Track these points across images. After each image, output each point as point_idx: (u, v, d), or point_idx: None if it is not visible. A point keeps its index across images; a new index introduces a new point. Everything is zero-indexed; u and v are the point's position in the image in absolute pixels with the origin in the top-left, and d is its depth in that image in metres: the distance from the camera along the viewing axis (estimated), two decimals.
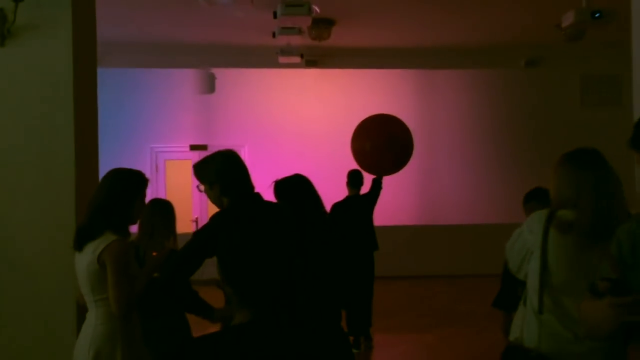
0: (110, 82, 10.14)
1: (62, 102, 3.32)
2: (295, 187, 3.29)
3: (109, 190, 2.78)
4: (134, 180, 2.80)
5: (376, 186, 6.01)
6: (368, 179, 6.27)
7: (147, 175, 3.05)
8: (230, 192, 2.76)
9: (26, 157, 3.32)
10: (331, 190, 7.77)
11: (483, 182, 11.03)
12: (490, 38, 9.76)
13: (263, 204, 2.82)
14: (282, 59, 9.56)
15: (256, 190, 2.92)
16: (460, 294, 8.99)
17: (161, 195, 10.40)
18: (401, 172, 11.11)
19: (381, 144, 5.42)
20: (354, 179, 6.16)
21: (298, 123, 10.84)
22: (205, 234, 2.64)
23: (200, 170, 2.85)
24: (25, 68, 3.31)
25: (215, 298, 3.02)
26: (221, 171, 2.78)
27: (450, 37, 9.68)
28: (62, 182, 3.32)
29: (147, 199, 3.44)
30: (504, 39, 9.80)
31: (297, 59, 9.63)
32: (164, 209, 3.49)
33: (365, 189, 6.21)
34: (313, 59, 10.20)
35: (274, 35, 8.77)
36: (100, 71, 10.26)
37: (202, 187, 2.84)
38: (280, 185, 3.32)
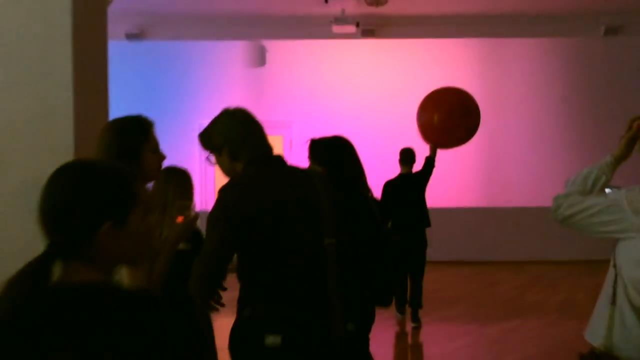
0: (155, 55, 9.83)
1: (59, 47, 2.85)
2: (334, 149, 2.77)
3: (105, 146, 2.25)
4: (132, 127, 2.27)
5: (429, 164, 6.01)
6: (420, 157, 6.24)
7: (196, 152, 2.56)
8: (242, 155, 2.21)
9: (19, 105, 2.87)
10: (387, 169, 7.20)
11: (554, 162, 10.17)
12: (565, 2, 8.88)
13: (286, 169, 2.25)
14: (337, 29, 8.99)
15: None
16: (527, 283, 8.26)
17: (211, 178, 10.07)
18: (466, 149, 10.40)
19: (457, 110, 5.30)
20: (406, 156, 6.21)
21: (353, 98, 10.26)
22: (222, 221, 2.09)
23: (205, 136, 2.31)
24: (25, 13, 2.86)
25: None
26: (228, 130, 2.24)
27: (518, 2, 8.85)
28: (59, 146, 2.86)
29: (192, 178, 3.01)
30: (580, 3, 8.90)
31: (352, 29, 9.05)
32: (180, 178, 2.99)
33: (417, 167, 6.26)
34: (370, 29, 9.57)
35: (326, 0, 8.19)
36: (145, 44, 10.26)
37: (212, 158, 2.31)
38: (317, 145, 2.80)
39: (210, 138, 2.29)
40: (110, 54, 3.42)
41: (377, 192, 9.34)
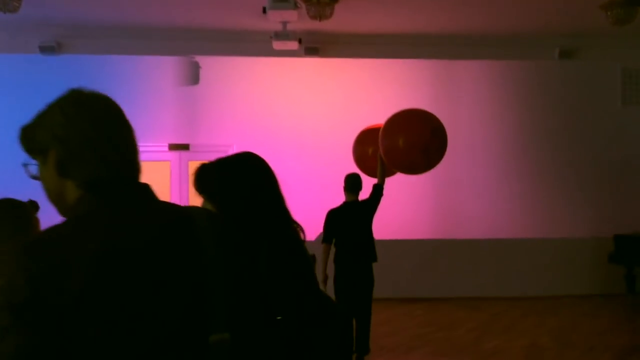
0: (75, 70, 8.80)
1: None
2: (237, 174, 1.92)
3: None
4: None
5: (377, 192, 5.50)
6: (366, 185, 5.76)
7: None
8: (77, 169, 1.32)
9: None
10: (332, 196, 6.42)
11: (511, 190, 9.57)
12: (519, 24, 8.39)
13: (153, 207, 1.36)
14: (277, 45, 8.20)
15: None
16: (485, 324, 7.52)
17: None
18: (415, 178, 9.70)
19: (422, 140, 4.98)
20: (352, 183, 5.60)
21: (295, 120, 9.45)
22: (15, 317, 1.14)
23: (28, 129, 1.38)
24: None
25: None
26: (65, 123, 1.33)
27: (471, 23, 8.31)
28: None
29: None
30: (534, 25, 8.43)
31: (294, 45, 8.28)
32: (8, 213, 2.15)
33: (363, 195, 5.71)
34: (313, 46, 8.83)
35: (264, 10, 7.40)
36: (65, 58, 9.24)
37: (32, 168, 1.39)
38: (206, 171, 1.95)
39: (33, 132, 1.36)
40: (21, 68, 2.46)
41: (315, 225, 8.49)
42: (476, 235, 9.35)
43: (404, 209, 9.32)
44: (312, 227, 9.22)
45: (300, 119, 9.47)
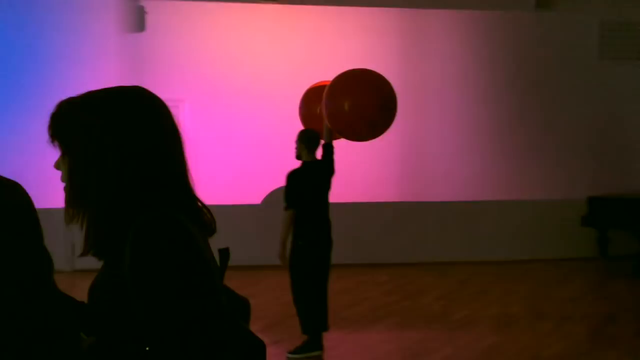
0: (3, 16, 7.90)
1: None
2: (108, 118, 1.30)
3: None
4: None
5: (329, 151, 5.04)
6: None
7: None
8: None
9: None
10: (290, 155, 5.83)
11: (481, 150, 9.08)
12: None
13: None
14: None
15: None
16: (454, 291, 7.08)
17: None
18: (380, 137, 9.12)
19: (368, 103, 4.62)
20: (311, 139, 4.93)
21: (251, 73, 8.74)
22: None
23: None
24: None
25: None
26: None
27: None
28: None
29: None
30: None
31: None
32: None
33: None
34: None
35: None
36: None
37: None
38: (66, 111, 1.32)
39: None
40: None
41: (268, 186, 7.78)
42: (444, 197, 8.86)
43: (368, 170, 8.76)
44: (265, 187, 8.58)
45: (257, 71, 8.75)
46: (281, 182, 8.10)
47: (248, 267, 8.42)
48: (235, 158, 8.67)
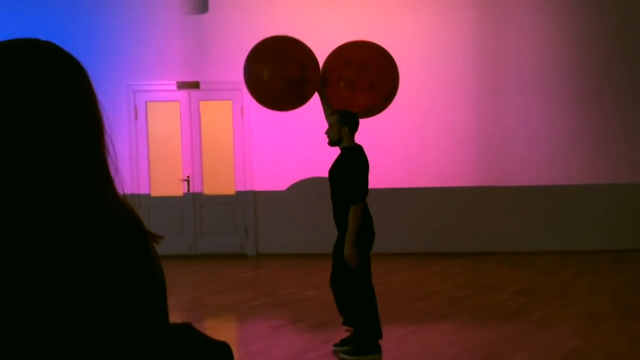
0: (71, 3, 7.89)
1: None
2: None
3: None
4: None
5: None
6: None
7: (125, 120, 0.77)
8: None
9: None
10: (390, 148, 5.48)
11: (565, 130, 8.30)
12: None
13: None
14: None
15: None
16: (534, 287, 6.47)
17: (142, 146, 8.23)
18: (456, 118, 8.55)
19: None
20: (356, 122, 4.53)
21: (320, 52, 8.31)
22: None
23: None
24: None
25: None
26: None
27: None
28: None
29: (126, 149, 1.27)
30: None
31: None
32: None
33: None
34: None
35: None
36: None
37: None
38: None
39: None
40: None
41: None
42: (525, 181, 8.19)
43: (442, 153, 8.21)
44: (318, 173, 8.17)
45: (327, 50, 8.34)
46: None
47: (306, 255, 8.13)
48: (298, 142, 8.35)
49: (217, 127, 8.46)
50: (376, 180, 8.23)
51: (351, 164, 4.36)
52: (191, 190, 8.31)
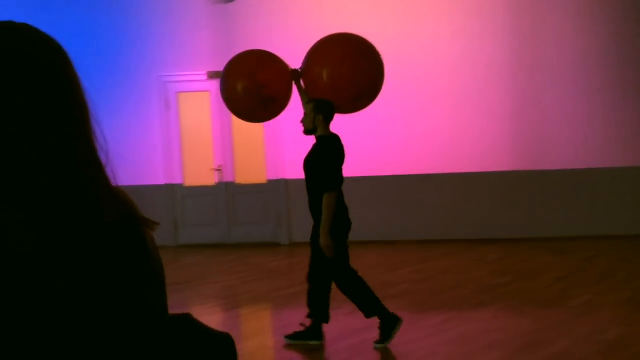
0: None
1: None
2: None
3: None
4: None
5: None
6: None
7: (156, 111, 0.77)
8: None
9: None
10: (392, 130, 5.39)
11: (605, 112, 8.02)
12: None
13: None
14: None
15: None
16: (574, 272, 6.29)
17: (174, 137, 8.26)
18: (493, 100, 8.32)
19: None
20: (331, 109, 4.52)
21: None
22: None
23: None
24: None
25: None
26: None
27: None
28: None
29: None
30: None
31: None
32: None
33: None
34: None
35: None
36: None
37: None
38: None
39: None
40: None
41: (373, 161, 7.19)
42: (564, 164, 7.95)
43: (479, 137, 8.02)
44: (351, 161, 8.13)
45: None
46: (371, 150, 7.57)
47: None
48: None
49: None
50: (409, 166, 8.13)
51: (325, 153, 4.35)
52: (223, 180, 8.32)
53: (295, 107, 8.21)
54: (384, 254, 7.48)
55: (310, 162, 4.40)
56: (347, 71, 4.51)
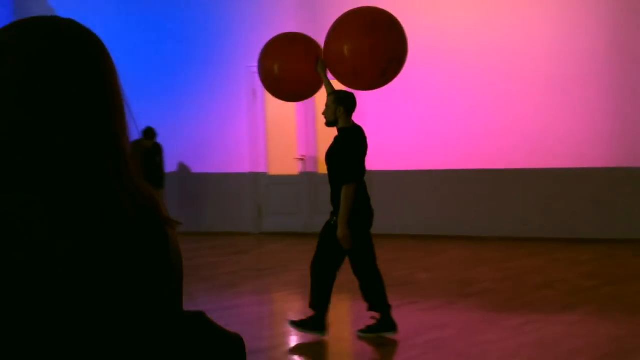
0: None
1: None
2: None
3: None
4: None
5: None
6: None
7: (244, 102, 0.97)
8: None
9: None
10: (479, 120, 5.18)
11: None
12: None
13: None
14: None
15: None
16: None
17: (260, 127, 8.39)
18: (589, 90, 7.86)
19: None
20: (352, 102, 4.43)
21: (435, 35, 8.02)
22: None
23: None
24: None
25: None
26: None
27: None
28: None
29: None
30: None
31: None
32: None
33: None
34: None
35: None
36: None
37: None
38: None
39: None
40: None
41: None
42: None
43: (573, 131, 7.61)
44: (440, 154, 7.91)
45: (441, 33, 8.02)
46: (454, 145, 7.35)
47: (421, 236, 7.92)
48: (413, 121, 8.11)
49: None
50: (494, 161, 7.82)
51: (345, 144, 4.29)
52: (306, 170, 8.37)
53: (379, 98, 8.15)
54: (467, 250, 7.27)
55: (331, 154, 4.37)
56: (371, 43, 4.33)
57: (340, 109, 4.28)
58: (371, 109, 8.24)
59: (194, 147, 8.83)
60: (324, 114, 4.42)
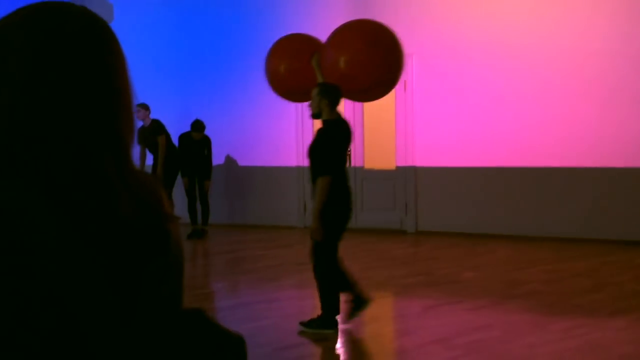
0: None
1: None
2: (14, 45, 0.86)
3: None
4: None
5: None
6: None
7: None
8: None
9: None
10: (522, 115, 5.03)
11: None
12: None
13: None
14: None
15: None
16: None
17: (307, 121, 8.39)
18: (637, 92, 7.55)
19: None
20: (336, 94, 4.42)
21: (484, 27, 7.84)
22: None
23: None
24: None
25: None
26: None
27: None
28: None
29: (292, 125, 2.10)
30: None
31: None
32: None
33: None
34: None
35: None
36: None
37: None
38: None
39: None
40: None
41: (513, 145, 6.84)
42: None
43: (628, 130, 7.31)
44: (491, 150, 7.74)
45: (491, 25, 7.83)
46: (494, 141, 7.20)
47: (467, 234, 7.77)
48: (462, 117, 7.95)
49: (379, 100, 8.35)
50: (546, 159, 7.58)
51: (325, 137, 4.24)
52: (352, 164, 8.32)
53: (426, 94, 8.03)
54: (514, 250, 7.09)
55: (312, 146, 4.34)
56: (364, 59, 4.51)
57: (325, 101, 4.26)
58: (419, 105, 8.13)
59: (242, 140, 8.92)
60: (309, 105, 4.42)
